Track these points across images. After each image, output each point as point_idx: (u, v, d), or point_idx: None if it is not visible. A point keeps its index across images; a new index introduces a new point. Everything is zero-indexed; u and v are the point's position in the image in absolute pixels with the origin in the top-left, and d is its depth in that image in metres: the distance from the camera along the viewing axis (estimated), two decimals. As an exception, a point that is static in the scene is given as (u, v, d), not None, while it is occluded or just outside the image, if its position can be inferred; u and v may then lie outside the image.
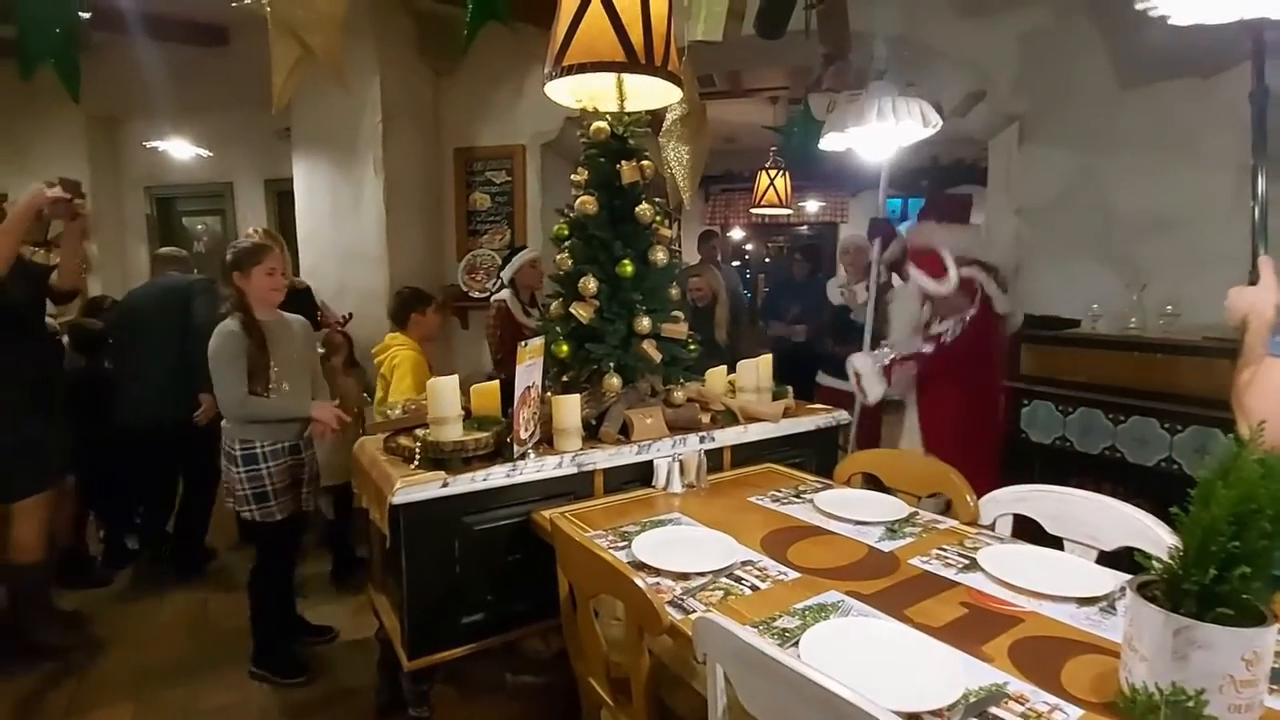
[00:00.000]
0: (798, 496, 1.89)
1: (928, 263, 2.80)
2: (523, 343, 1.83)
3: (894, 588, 1.35)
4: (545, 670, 2.37)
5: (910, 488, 1.95)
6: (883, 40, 2.78)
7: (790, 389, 2.43)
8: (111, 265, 5.44)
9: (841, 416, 2.44)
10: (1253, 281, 1.42)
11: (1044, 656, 1.09)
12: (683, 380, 2.22)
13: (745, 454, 2.20)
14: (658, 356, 2.10)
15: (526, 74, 4.17)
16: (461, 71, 4.28)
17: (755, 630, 1.16)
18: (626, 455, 1.97)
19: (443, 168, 4.51)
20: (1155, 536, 1.39)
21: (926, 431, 2.92)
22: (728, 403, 2.25)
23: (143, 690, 2.46)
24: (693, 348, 2.22)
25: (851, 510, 1.72)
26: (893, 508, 1.76)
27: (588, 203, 2.08)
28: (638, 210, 2.08)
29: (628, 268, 2.05)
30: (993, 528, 1.70)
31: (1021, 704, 0.97)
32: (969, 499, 1.76)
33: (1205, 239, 2.83)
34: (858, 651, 1.10)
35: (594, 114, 2.07)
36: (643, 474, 1.99)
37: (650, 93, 1.97)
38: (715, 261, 5.04)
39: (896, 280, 3.23)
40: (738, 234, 9.90)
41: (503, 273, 3.77)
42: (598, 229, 2.09)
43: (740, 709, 1.00)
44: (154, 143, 5.26)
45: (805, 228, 9.59)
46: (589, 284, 2.04)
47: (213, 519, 3.53)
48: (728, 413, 2.22)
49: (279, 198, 5.41)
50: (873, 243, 3.28)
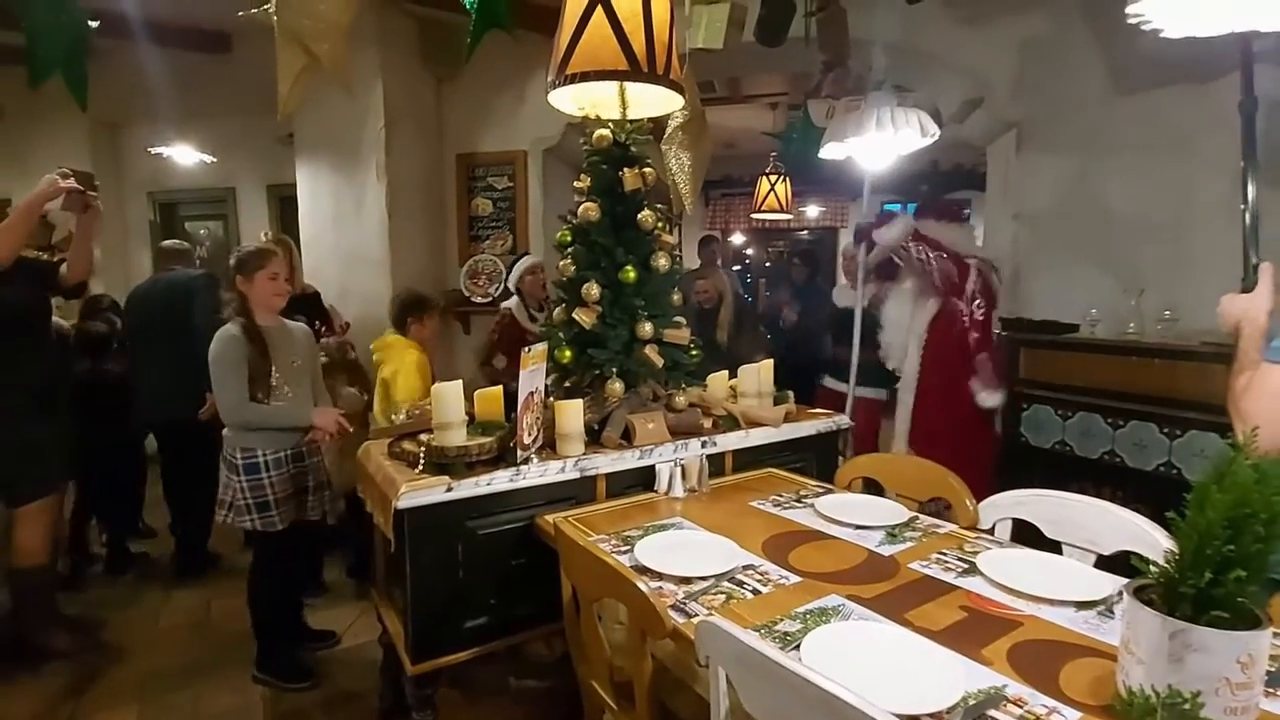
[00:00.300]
0: (799, 501, 1.90)
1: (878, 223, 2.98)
2: (526, 349, 1.85)
3: (894, 591, 1.36)
4: (549, 674, 2.38)
5: (910, 492, 1.96)
6: (881, 50, 2.80)
7: (791, 394, 2.45)
8: (114, 269, 5.45)
9: (842, 421, 2.46)
10: (1245, 287, 1.44)
11: (1042, 660, 1.10)
12: (684, 385, 2.23)
13: (747, 458, 2.22)
14: (660, 362, 2.11)
15: (528, 80, 4.20)
16: (464, 77, 4.31)
17: (757, 634, 1.17)
18: (629, 460, 1.98)
19: (445, 173, 4.54)
20: (1153, 540, 1.40)
21: (917, 426, 2.97)
22: (729, 408, 2.26)
23: (147, 694, 2.47)
24: (694, 353, 2.24)
25: (852, 515, 1.73)
26: (893, 512, 1.78)
27: (590, 209, 2.10)
28: (640, 217, 2.10)
29: (630, 274, 2.07)
30: (992, 532, 1.71)
31: (1020, 707, 0.98)
32: (968, 503, 1.77)
33: (1202, 244, 2.85)
34: (858, 655, 1.11)
35: (596, 121, 2.09)
36: (645, 479, 2.00)
37: (652, 100, 1.99)
38: (715, 266, 5.06)
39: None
40: (738, 239, 9.93)
41: (508, 280, 3.80)
42: (600, 235, 2.11)
43: (742, 712, 1.01)
44: (157, 148, 5.29)
45: (805, 232, 9.62)
46: (591, 290, 2.06)
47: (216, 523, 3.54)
48: (729, 418, 2.24)
49: (281, 203, 5.44)
50: (858, 247, 3.31)
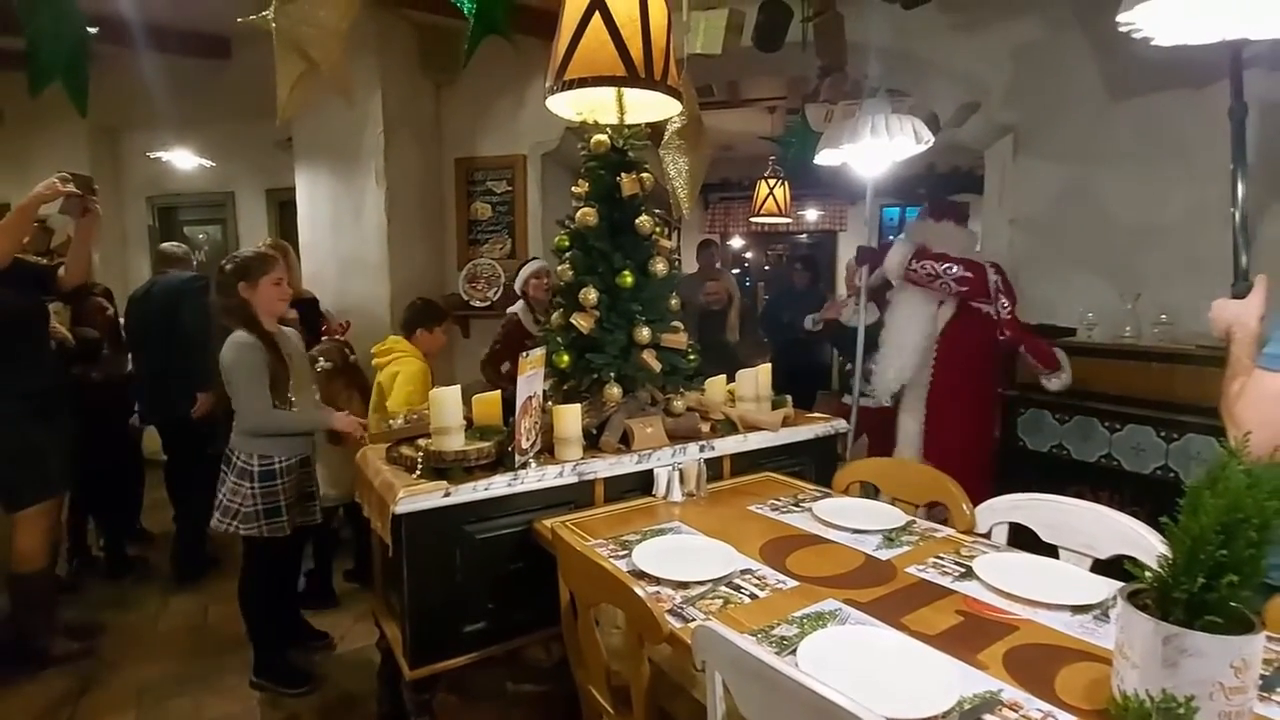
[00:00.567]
0: (796, 505, 1.90)
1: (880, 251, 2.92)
2: (524, 353, 1.85)
3: (891, 596, 1.36)
4: (546, 678, 2.38)
5: (907, 496, 1.96)
6: (876, 58, 2.82)
7: (789, 398, 2.45)
8: (113, 273, 5.44)
9: (840, 425, 2.46)
10: (1236, 292, 1.45)
11: (1038, 664, 1.10)
12: (682, 389, 2.24)
13: (745, 463, 2.22)
14: (657, 366, 2.12)
15: (527, 84, 4.21)
16: (462, 82, 4.31)
17: (753, 638, 1.18)
18: (627, 464, 1.98)
19: (444, 177, 4.54)
20: (1148, 545, 1.41)
21: (932, 435, 2.95)
22: (727, 412, 2.27)
23: (145, 699, 2.47)
24: (692, 358, 2.24)
25: (849, 519, 1.74)
26: (890, 516, 1.78)
27: (588, 214, 2.11)
28: (637, 222, 2.10)
29: (628, 279, 2.07)
30: (989, 536, 1.71)
31: (1015, 711, 0.99)
32: (965, 507, 1.77)
33: (1197, 248, 2.86)
34: (854, 659, 1.11)
35: (594, 127, 2.10)
36: (643, 483, 2.00)
37: (650, 106, 2.00)
38: (723, 269, 5.09)
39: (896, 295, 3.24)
40: (737, 242, 9.95)
41: (516, 285, 3.83)
42: (598, 240, 2.11)
43: (738, 717, 1.01)
44: (156, 153, 5.30)
45: (804, 236, 9.64)
46: (589, 295, 2.06)
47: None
48: (727, 422, 2.24)
49: (280, 207, 5.44)
50: (860, 268, 3.29)
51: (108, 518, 3.60)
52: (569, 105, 1.97)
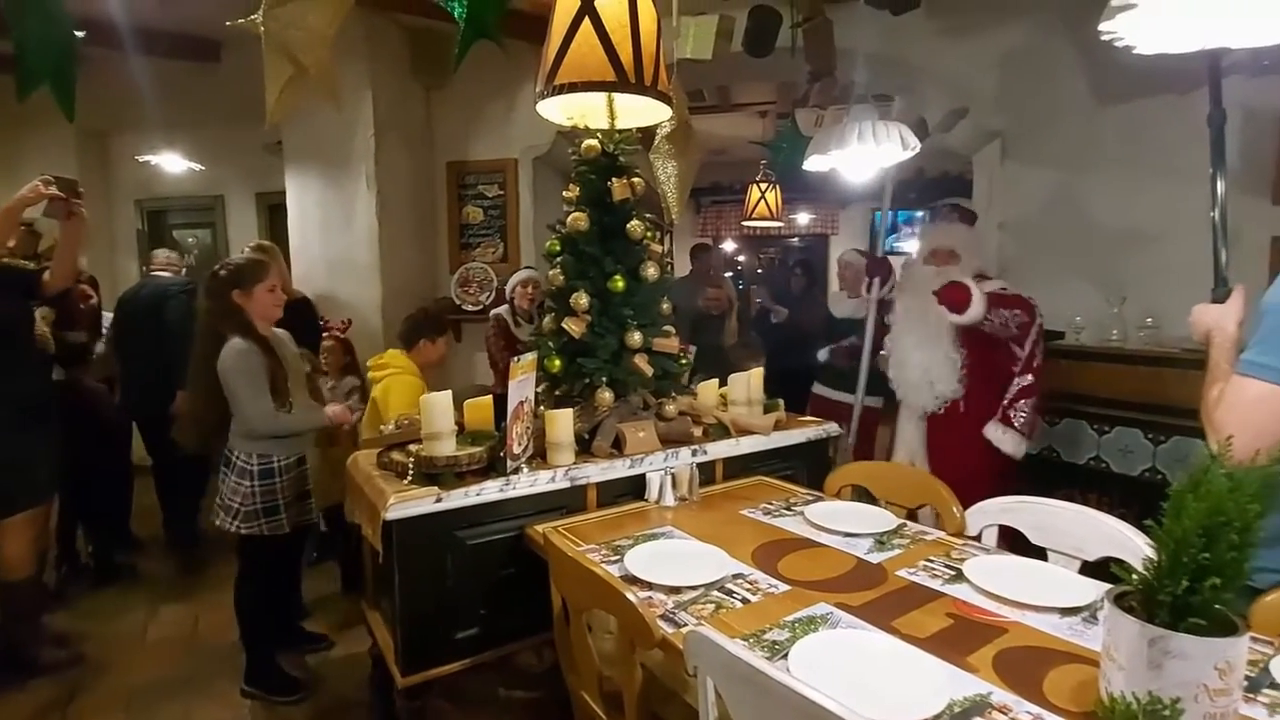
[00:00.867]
0: (788, 509, 1.91)
1: (950, 295, 2.63)
2: (515, 358, 1.85)
3: (881, 599, 1.37)
4: (539, 684, 2.37)
5: (899, 499, 1.97)
6: (865, 63, 2.83)
7: (781, 402, 2.46)
8: (102, 277, 5.35)
9: (831, 429, 2.47)
10: (1216, 297, 1.46)
11: (1027, 666, 1.11)
12: (674, 394, 2.24)
13: (737, 466, 2.23)
14: (649, 370, 2.12)
15: (518, 88, 4.21)
16: (453, 86, 4.32)
17: (745, 643, 1.18)
18: (619, 469, 1.99)
19: (435, 181, 4.54)
20: (1135, 547, 1.42)
21: (942, 449, 2.86)
22: (719, 416, 2.27)
23: (134, 707, 2.45)
24: (684, 362, 2.25)
25: (841, 522, 1.74)
26: (881, 520, 1.79)
27: (579, 219, 2.11)
28: (629, 226, 2.11)
29: (619, 283, 2.08)
30: (979, 539, 1.72)
31: (1005, 714, 0.99)
32: (955, 510, 1.79)
33: (1182, 253, 2.88)
34: (845, 663, 1.12)
35: (585, 131, 2.10)
36: (635, 487, 2.01)
37: (640, 111, 2.00)
38: (708, 274, 5.09)
39: (898, 306, 3.20)
40: (729, 246, 9.98)
41: (506, 290, 3.84)
42: (589, 245, 2.11)
43: (731, 721, 1.02)
44: (145, 156, 5.26)
45: (796, 239, 9.69)
46: (580, 299, 2.07)
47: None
48: (719, 426, 2.25)
49: (270, 211, 5.42)
50: (872, 280, 3.28)
51: (97, 523, 3.57)
52: (559, 110, 1.97)
